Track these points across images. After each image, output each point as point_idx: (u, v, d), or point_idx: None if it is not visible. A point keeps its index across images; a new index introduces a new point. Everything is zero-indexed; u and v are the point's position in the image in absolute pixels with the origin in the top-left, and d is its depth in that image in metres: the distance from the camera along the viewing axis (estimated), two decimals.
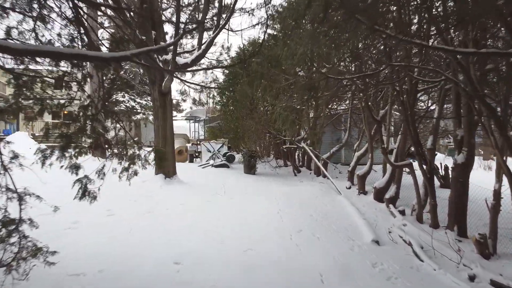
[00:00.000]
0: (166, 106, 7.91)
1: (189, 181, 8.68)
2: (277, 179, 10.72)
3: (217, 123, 18.86)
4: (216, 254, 4.23)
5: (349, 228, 5.73)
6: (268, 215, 6.14)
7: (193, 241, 4.56)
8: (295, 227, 5.49)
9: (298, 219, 5.98)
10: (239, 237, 4.81)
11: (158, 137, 7.92)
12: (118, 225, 5.00)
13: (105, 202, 6.32)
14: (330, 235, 5.32)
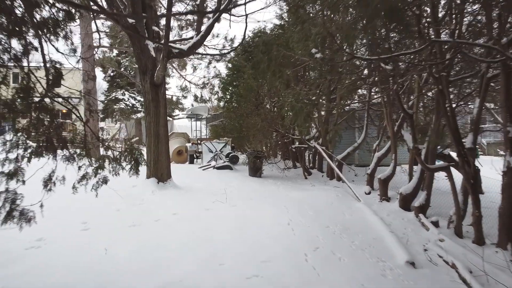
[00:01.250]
0: (159, 99, 7.13)
1: (186, 185, 7.89)
2: (285, 182, 9.90)
3: (219, 121, 18.09)
4: (213, 281, 3.43)
5: (375, 244, 4.90)
6: (277, 227, 5.33)
7: (185, 263, 3.77)
8: (310, 244, 4.68)
9: (312, 232, 5.17)
10: (241, 258, 4.01)
11: (150, 135, 7.14)
12: (92, 244, 4.21)
13: (82, 213, 5.56)
14: (353, 253, 4.50)
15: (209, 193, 7.31)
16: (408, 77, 6.21)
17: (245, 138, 13.40)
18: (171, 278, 3.41)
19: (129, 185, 7.24)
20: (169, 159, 7.42)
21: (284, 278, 3.62)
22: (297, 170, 12.29)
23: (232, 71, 14.11)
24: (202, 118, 19.25)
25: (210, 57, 16.88)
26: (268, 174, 11.24)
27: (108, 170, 3.47)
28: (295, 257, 4.18)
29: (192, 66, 17.19)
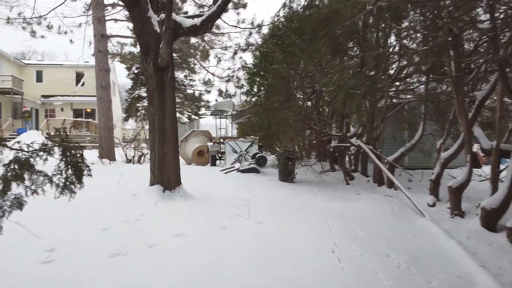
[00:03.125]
0: (165, 86, 5.91)
1: (200, 193, 6.64)
2: (323, 189, 8.45)
3: (246, 118, 16.83)
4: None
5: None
6: (318, 256, 3.97)
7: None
8: (369, 287, 3.26)
9: (368, 266, 3.76)
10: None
11: (154, 131, 5.94)
12: (50, 285, 3.00)
13: (57, 231, 4.44)
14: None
15: (228, 205, 6.01)
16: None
17: (274, 136, 12.03)
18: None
19: (129, 193, 6.10)
20: (178, 160, 6.19)
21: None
22: (336, 174, 10.79)
23: (259, 59, 12.80)
24: (227, 115, 18.06)
25: (235, 46, 15.69)
26: (302, 179, 9.82)
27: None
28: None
29: (216, 56, 16.06)
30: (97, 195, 6.30)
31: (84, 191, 5.14)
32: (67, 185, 2.28)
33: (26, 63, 30.34)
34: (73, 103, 29.13)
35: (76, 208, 5.31)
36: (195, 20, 6.04)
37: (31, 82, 29.29)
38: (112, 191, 6.62)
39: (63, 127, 2.60)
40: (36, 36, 16.01)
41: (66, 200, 2.96)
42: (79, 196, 6.06)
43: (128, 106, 32.93)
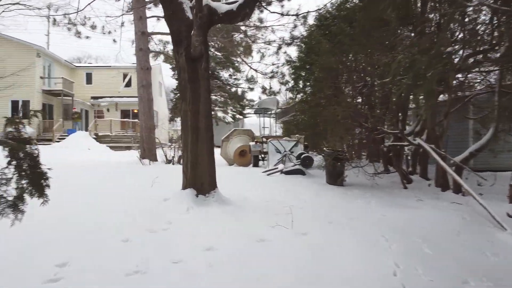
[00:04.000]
0: (198, 78, 5.41)
1: (238, 198, 6.08)
2: (378, 194, 7.59)
3: (291, 116, 16.15)
4: None
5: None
6: (376, 280, 3.27)
7: None
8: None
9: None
10: None
11: (187, 129, 5.46)
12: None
13: (73, 240, 4.07)
14: None
15: (269, 212, 5.40)
16: None
17: (321, 134, 11.25)
18: None
19: (160, 197, 5.67)
20: (213, 161, 5.68)
21: None
22: (390, 176, 9.82)
23: (304, 52, 12.08)
24: (271, 113, 17.46)
25: (279, 40, 15.05)
26: (353, 182, 8.98)
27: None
28: None
29: (259, 52, 15.51)
30: (126, 199, 5.96)
31: (115, 194, 4.73)
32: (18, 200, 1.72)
33: (76, 65, 31.65)
34: (119, 104, 29.95)
35: (100, 213, 4.97)
36: (231, 5, 5.48)
37: (81, 84, 30.50)
38: (143, 194, 6.25)
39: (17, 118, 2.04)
40: (81, 36, 16.35)
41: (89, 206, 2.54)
42: (106, 199, 5.66)
43: (173, 106, 33.45)
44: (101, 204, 5.55)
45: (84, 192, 6.65)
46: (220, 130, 25.86)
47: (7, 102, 23.88)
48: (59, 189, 6.85)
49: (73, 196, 6.28)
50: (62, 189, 6.91)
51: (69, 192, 6.66)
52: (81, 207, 5.39)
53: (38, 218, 4.57)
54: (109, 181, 8.34)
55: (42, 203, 2.04)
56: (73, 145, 20.74)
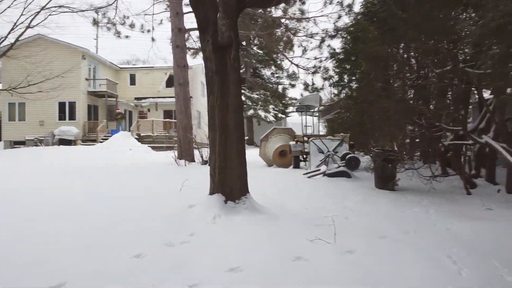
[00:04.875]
0: (227, 70, 4.81)
1: (273, 204, 5.42)
2: (436, 201, 6.63)
3: (335, 113, 15.23)
4: None
5: None
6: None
7: None
8: None
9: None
10: None
11: (214, 127, 4.89)
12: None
13: (78, 252, 3.60)
14: None
15: (308, 222, 4.69)
16: None
17: (368, 133, 10.31)
18: None
19: (186, 203, 5.13)
20: (244, 163, 5.05)
21: None
22: (450, 180, 8.70)
23: (349, 43, 11.17)
24: (314, 111, 16.61)
25: (322, 33, 14.21)
26: (405, 186, 8.02)
27: None
28: None
29: (300, 45, 14.75)
30: (148, 204, 5.50)
31: (135, 199, 4.19)
32: None
33: (121, 67, 32.41)
34: (160, 104, 30.24)
35: (113, 221, 4.50)
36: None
37: (126, 85, 31.19)
38: (168, 199, 5.78)
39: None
40: (120, 36, 16.46)
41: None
42: (124, 204, 5.16)
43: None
44: (117, 210, 5.12)
45: (101, 196, 6.29)
46: (262, 130, 25.32)
47: (54, 104, 24.80)
48: (69, 193, 6.58)
49: (86, 200, 5.93)
50: (73, 192, 6.66)
51: (83, 195, 6.34)
52: (91, 214, 4.98)
53: (40, 229, 4.20)
54: (135, 183, 8.00)
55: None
56: (115, 146, 21.04)
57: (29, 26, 21.90)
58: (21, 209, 5.35)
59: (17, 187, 7.47)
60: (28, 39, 23.91)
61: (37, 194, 6.60)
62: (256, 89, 32.95)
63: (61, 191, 6.92)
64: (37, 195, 6.44)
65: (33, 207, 5.43)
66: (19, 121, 25.24)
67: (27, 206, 5.50)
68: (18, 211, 5.18)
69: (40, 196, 6.33)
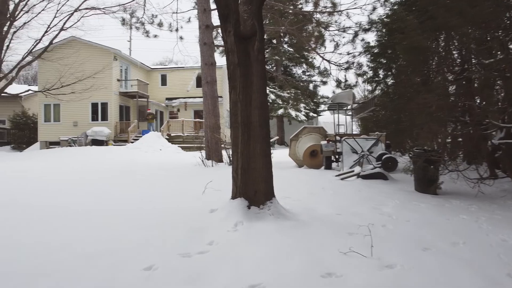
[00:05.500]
0: (250, 62, 4.44)
1: (301, 209, 5.00)
2: (486, 207, 5.96)
3: (369, 111, 14.53)
4: None
5: None
6: None
7: None
8: None
9: None
10: None
11: (236, 125, 4.52)
12: None
13: (84, 264, 3.26)
14: None
15: (340, 230, 4.23)
16: None
17: (406, 131, 9.65)
18: None
19: (206, 207, 4.79)
20: (269, 164, 4.64)
21: None
22: (499, 183, 7.95)
23: (384, 35, 10.51)
24: (347, 109, 15.98)
25: (356, 26, 13.58)
26: (449, 189, 7.35)
27: None
28: None
29: (332, 40, 14.15)
30: (166, 208, 5.20)
31: (154, 202, 3.84)
32: None
33: (152, 68, 32.78)
34: (190, 104, 30.33)
35: (125, 227, 4.21)
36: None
37: (157, 85, 31.53)
38: (190, 203, 5.46)
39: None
40: (149, 35, 16.48)
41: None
42: (141, 207, 4.85)
43: None
44: (135, 213, 4.84)
45: (117, 199, 6.06)
46: (293, 129, 24.84)
47: (87, 105, 25.34)
48: (84, 194, 6.35)
49: (98, 201, 5.69)
50: (87, 193, 6.44)
51: (94, 196, 6.11)
52: (101, 217, 4.72)
53: (37, 240, 3.95)
54: (159, 184, 7.75)
55: None
56: (145, 146, 21.17)
57: (63, 29, 22.46)
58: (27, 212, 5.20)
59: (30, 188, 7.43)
60: (63, 41, 24.56)
61: (48, 197, 6.48)
62: (287, 88, 32.44)
63: (80, 192, 6.78)
64: (49, 198, 6.32)
65: (45, 209, 5.26)
66: (54, 122, 25.98)
67: (31, 212, 5.35)
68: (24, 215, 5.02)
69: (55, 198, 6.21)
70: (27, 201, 5.86)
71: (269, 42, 31.04)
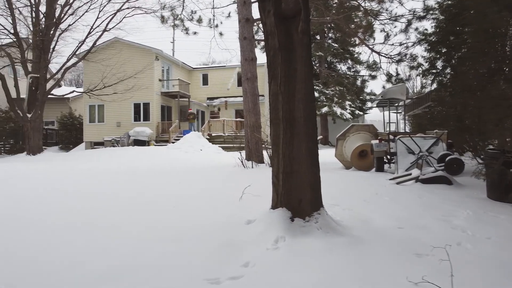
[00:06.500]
0: (294, 46, 3.77)
1: (354, 221, 4.26)
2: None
3: (424, 107, 13.33)
4: None
5: None
6: None
7: None
8: None
9: None
10: None
11: (277, 121, 3.86)
12: None
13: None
14: None
15: (405, 250, 3.45)
16: None
17: (472, 129, 8.55)
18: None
19: (243, 218, 4.17)
20: (317, 168, 3.93)
21: None
22: None
23: (445, 21, 9.39)
24: (398, 105, 14.83)
25: (409, 14, 12.48)
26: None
27: None
28: None
29: (383, 30, 13.11)
30: (202, 216, 4.63)
31: (190, 208, 3.27)
32: None
33: (193, 67, 32.85)
34: (230, 103, 30.03)
35: (159, 238, 3.67)
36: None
37: (198, 85, 31.56)
38: (226, 210, 4.85)
39: None
40: (188, 33, 16.22)
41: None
42: (164, 218, 4.26)
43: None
44: (162, 223, 4.29)
45: (148, 203, 5.57)
46: (337, 128, 23.79)
47: (130, 105, 25.71)
48: (113, 199, 5.90)
49: (119, 210, 5.21)
50: (107, 198, 5.98)
51: (126, 202, 5.62)
52: (112, 228, 4.22)
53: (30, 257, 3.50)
54: (194, 186, 7.22)
55: None
56: (186, 146, 21.05)
57: (106, 30, 22.90)
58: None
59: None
60: (106, 43, 25.10)
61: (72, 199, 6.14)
62: (331, 85, 31.29)
63: (106, 194, 6.41)
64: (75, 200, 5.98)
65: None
66: (98, 123, 26.62)
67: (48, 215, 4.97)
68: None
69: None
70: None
71: (313, 37, 30.09)
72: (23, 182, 8.35)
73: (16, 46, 21.18)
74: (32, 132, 21.08)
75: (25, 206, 5.60)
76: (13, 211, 5.22)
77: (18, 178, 9.02)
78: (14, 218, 4.83)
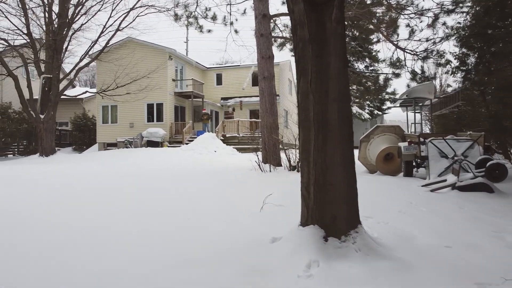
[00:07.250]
0: (326, 37, 3.28)
1: (394, 239, 3.74)
2: None
3: (452, 107, 12.65)
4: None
5: None
6: None
7: None
8: None
9: None
10: None
11: (307, 124, 3.37)
12: None
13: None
14: None
15: (461, 278, 2.92)
16: None
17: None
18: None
19: (265, 235, 3.69)
20: (353, 178, 3.42)
21: None
22: None
23: (480, 14, 8.75)
24: (424, 105, 14.16)
25: (437, 7, 11.83)
26: None
27: None
28: None
29: (408, 25, 12.47)
30: (219, 231, 4.14)
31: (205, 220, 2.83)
32: None
33: (207, 67, 32.50)
34: (246, 103, 29.52)
35: (169, 264, 3.18)
36: None
37: (212, 85, 31.19)
38: (245, 223, 4.37)
39: None
40: (202, 30, 15.83)
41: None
42: (186, 234, 3.84)
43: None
44: (171, 243, 3.77)
45: (139, 218, 5.11)
46: (356, 129, 23.12)
47: (143, 105, 25.48)
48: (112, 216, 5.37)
49: (116, 221, 4.74)
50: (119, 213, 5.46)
51: (109, 214, 5.16)
52: (108, 246, 3.76)
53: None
54: (205, 196, 6.68)
55: None
56: (199, 147, 20.66)
57: (118, 29, 22.71)
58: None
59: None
60: (119, 42, 24.94)
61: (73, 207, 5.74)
62: (352, 84, 30.55)
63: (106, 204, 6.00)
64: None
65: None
66: (112, 124, 26.45)
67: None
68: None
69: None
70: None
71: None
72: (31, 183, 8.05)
73: (29, 46, 21.14)
74: (45, 133, 20.98)
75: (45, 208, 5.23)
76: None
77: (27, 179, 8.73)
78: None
